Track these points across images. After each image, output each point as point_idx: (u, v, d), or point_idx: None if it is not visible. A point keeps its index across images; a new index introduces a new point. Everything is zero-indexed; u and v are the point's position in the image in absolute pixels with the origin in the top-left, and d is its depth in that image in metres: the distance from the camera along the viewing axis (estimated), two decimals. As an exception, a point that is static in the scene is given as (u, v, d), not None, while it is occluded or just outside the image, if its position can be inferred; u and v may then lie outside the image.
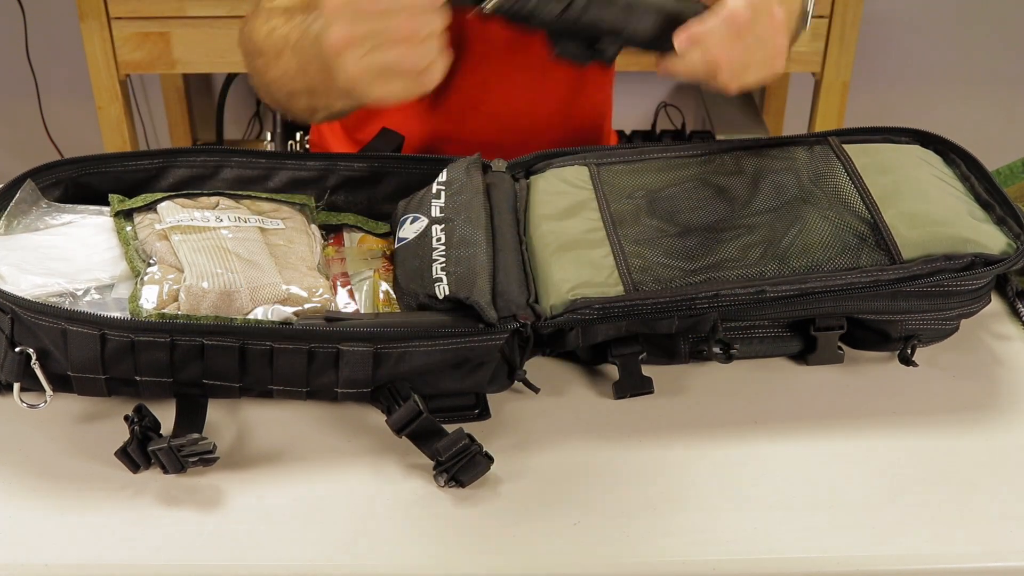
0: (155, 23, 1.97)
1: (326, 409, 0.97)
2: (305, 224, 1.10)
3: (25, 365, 0.92)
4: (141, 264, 1.01)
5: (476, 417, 0.96)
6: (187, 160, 1.13)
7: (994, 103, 2.71)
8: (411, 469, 0.91)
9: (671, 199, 1.06)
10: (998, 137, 2.65)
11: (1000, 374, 1.04)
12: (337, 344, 0.91)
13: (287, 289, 0.98)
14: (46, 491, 0.89)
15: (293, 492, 0.89)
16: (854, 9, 1.98)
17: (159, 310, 0.95)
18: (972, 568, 0.85)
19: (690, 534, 0.86)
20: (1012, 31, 2.62)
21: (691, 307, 0.97)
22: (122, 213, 1.07)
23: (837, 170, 1.08)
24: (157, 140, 2.68)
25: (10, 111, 2.64)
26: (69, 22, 2.07)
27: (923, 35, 2.62)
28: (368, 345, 0.91)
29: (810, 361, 1.04)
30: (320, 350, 0.91)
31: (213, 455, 0.89)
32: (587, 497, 0.89)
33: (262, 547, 0.84)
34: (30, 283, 0.96)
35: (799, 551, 0.85)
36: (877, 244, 1.00)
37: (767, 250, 1.00)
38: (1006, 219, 1.04)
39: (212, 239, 1.02)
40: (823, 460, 0.93)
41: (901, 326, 1.02)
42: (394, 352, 0.92)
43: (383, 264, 1.08)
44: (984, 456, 0.94)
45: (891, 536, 0.86)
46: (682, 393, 1.01)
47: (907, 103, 2.70)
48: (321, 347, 0.91)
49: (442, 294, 0.95)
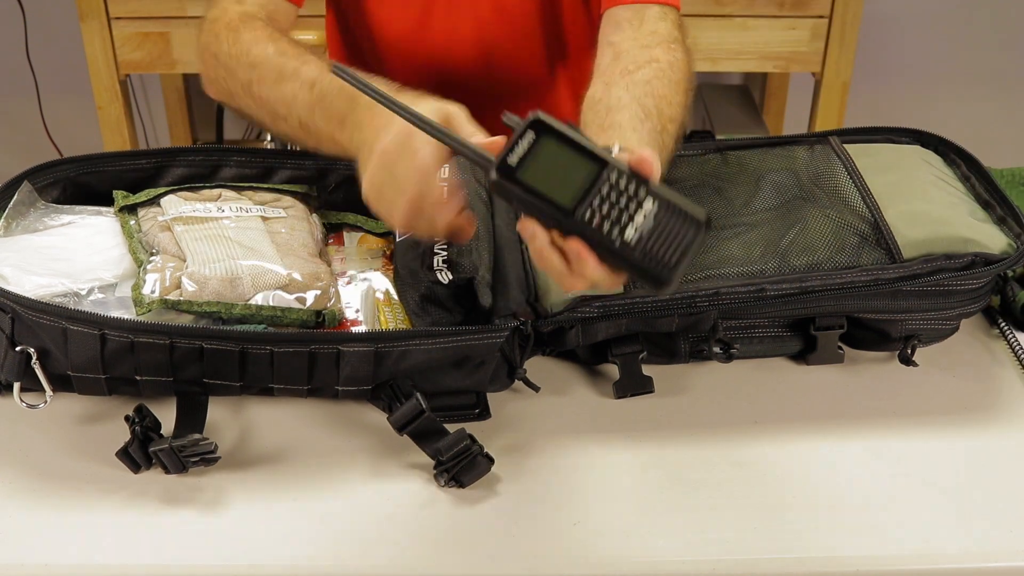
0: (155, 23, 1.97)
1: (327, 408, 0.97)
2: (306, 212, 1.10)
3: (25, 365, 0.92)
4: (144, 255, 1.01)
5: (476, 417, 0.96)
6: (186, 159, 1.13)
7: (994, 103, 2.70)
8: (411, 469, 0.91)
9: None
10: (998, 137, 2.65)
11: (1000, 374, 1.04)
12: (338, 345, 0.91)
13: (288, 274, 0.98)
14: (46, 491, 0.89)
15: (293, 492, 0.89)
16: (854, 9, 1.98)
17: (161, 297, 0.95)
18: (972, 568, 0.85)
19: (690, 534, 0.86)
20: (1012, 31, 2.62)
21: (691, 305, 0.97)
22: (125, 208, 1.07)
23: (838, 169, 1.08)
24: (157, 140, 2.67)
25: (10, 111, 2.64)
26: (69, 22, 2.07)
27: (923, 35, 2.62)
28: (369, 344, 0.91)
29: (810, 361, 1.04)
30: (321, 351, 0.91)
31: (214, 455, 0.89)
32: (587, 497, 0.89)
33: (262, 547, 0.84)
34: (34, 283, 0.96)
35: (799, 551, 0.85)
36: (877, 243, 1.00)
37: (767, 249, 1.00)
38: (1006, 219, 1.04)
39: (214, 228, 1.03)
40: (823, 460, 0.93)
41: (901, 326, 1.02)
42: (395, 350, 0.92)
43: (383, 263, 1.08)
44: (984, 456, 0.94)
45: (891, 536, 0.86)
46: (682, 393, 1.01)
47: (907, 103, 2.69)
48: (322, 348, 0.91)
49: (446, 279, 0.95)
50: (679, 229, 0.75)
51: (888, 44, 2.61)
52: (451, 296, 0.97)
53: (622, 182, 0.76)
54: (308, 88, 0.98)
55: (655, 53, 1.08)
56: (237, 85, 1.07)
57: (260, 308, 0.96)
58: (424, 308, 0.98)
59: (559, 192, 0.76)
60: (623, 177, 0.76)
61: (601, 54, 1.14)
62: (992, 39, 2.63)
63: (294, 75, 1.00)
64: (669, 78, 1.05)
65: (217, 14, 1.14)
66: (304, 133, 1.00)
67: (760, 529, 0.86)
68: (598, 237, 0.75)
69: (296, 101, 0.99)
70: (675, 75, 1.07)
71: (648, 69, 1.05)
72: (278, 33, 1.09)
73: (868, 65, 2.60)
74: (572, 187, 0.76)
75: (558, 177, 0.76)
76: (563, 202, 0.75)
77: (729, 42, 2.00)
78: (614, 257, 0.75)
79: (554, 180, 0.76)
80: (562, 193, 0.76)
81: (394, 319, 1.01)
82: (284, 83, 1.00)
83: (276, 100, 1.01)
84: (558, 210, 0.75)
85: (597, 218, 0.75)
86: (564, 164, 0.76)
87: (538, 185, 0.76)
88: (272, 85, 1.02)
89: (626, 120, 0.98)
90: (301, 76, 0.99)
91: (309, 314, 0.98)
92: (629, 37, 1.12)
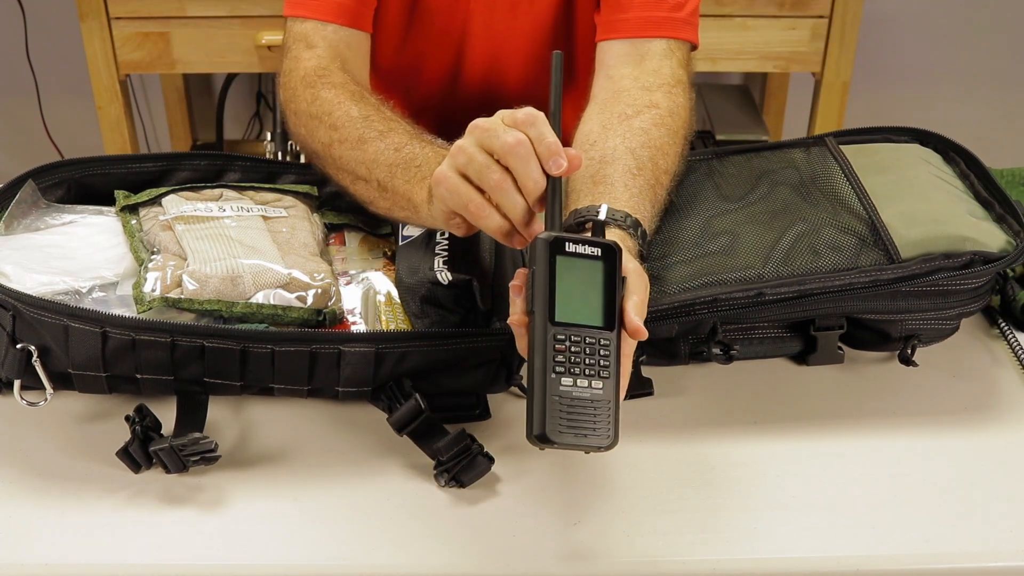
0: (155, 23, 1.96)
1: (327, 408, 0.97)
2: (308, 212, 1.11)
3: (26, 362, 0.92)
4: (145, 254, 1.01)
5: (476, 417, 0.96)
6: (191, 164, 1.13)
7: (994, 103, 2.70)
8: (411, 469, 0.91)
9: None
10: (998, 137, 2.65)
11: (1000, 374, 1.04)
12: (339, 345, 0.91)
13: (289, 273, 0.98)
14: (46, 491, 0.89)
15: (293, 492, 0.89)
16: (854, 9, 1.98)
17: (162, 295, 0.95)
18: (972, 568, 0.85)
19: (690, 534, 0.86)
20: (1012, 31, 2.62)
21: (690, 313, 0.97)
22: (126, 208, 1.07)
23: (834, 171, 1.08)
24: (157, 140, 2.67)
25: (10, 111, 2.64)
26: (69, 22, 2.07)
27: (923, 35, 2.61)
28: (369, 345, 0.91)
29: (810, 361, 1.04)
30: (322, 351, 0.91)
31: (215, 454, 0.89)
32: (587, 497, 0.89)
33: (262, 547, 0.84)
34: (35, 281, 0.96)
35: (799, 551, 0.85)
36: (875, 244, 0.99)
37: (765, 252, 1.00)
38: (1005, 216, 1.04)
39: (215, 228, 1.03)
40: (823, 460, 0.93)
41: (901, 326, 1.02)
42: (395, 352, 0.92)
43: (384, 263, 1.09)
44: (984, 456, 0.94)
45: (891, 536, 0.86)
46: (682, 393, 1.01)
47: (907, 103, 2.69)
48: (323, 348, 0.91)
49: (445, 280, 0.95)
50: (594, 426, 0.77)
51: (888, 44, 2.61)
52: (451, 297, 0.97)
53: (606, 350, 0.78)
54: (393, 150, 0.98)
55: (655, 98, 1.07)
56: (318, 145, 1.07)
57: (261, 307, 0.96)
58: (423, 309, 0.98)
59: (564, 302, 0.77)
60: (610, 346, 0.78)
61: (598, 84, 1.12)
62: (992, 39, 2.62)
63: (379, 137, 1.00)
64: (668, 126, 1.04)
65: (290, 66, 1.13)
66: (381, 194, 0.99)
67: (760, 529, 0.86)
68: (545, 354, 0.76)
69: (378, 162, 0.98)
70: (674, 123, 1.05)
71: (647, 116, 1.04)
72: (359, 90, 1.08)
73: (868, 65, 2.60)
74: (575, 310, 0.78)
75: (578, 295, 0.78)
76: (557, 313, 0.77)
77: (729, 42, 2.00)
78: (531, 374, 0.77)
79: (572, 293, 0.78)
80: (565, 307, 0.77)
81: (394, 319, 1.01)
82: (367, 145, 1.00)
83: (357, 162, 1.01)
84: (550, 310, 0.77)
85: (563, 346, 0.77)
86: (589, 293, 0.78)
87: (560, 284, 0.77)
88: (354, 146, 1.02)
89: (618, 175, 0.97)
90: (386, 139, 0.99)
91: (310, 313, 0.98)
92: (629, 75, 1.10)
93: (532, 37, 1.26)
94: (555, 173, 0.80)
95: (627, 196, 0.95)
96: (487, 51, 1.27)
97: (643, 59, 1.12)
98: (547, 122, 0.81)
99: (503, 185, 0.80)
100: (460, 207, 0.83)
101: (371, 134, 1.01)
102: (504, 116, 0.82)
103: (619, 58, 1.13)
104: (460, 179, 0.83)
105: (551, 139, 0.80)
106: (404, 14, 1.24)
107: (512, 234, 0.83)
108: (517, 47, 1.26)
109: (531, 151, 0.80)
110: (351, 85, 1.09)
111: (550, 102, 0.85)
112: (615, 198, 0.95)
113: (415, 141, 0.98)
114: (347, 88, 1.08)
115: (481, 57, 1.28)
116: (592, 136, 1.03)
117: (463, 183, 0.83)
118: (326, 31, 1.15)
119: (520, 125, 0.81)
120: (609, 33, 1.15)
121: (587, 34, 1.23)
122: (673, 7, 1.14)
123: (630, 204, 0.95)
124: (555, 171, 0.80)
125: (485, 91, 1.30)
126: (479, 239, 1.01)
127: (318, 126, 1.06)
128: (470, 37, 1.26)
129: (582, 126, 1.07)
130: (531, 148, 0.80)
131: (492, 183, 0.81)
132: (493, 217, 0.82)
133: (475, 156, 0.82)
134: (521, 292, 0.80)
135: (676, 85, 1.09)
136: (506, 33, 1.26)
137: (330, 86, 1.08)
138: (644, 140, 1.01)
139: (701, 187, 1.09)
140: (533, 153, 0.80)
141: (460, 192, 0.83)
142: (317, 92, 1.08)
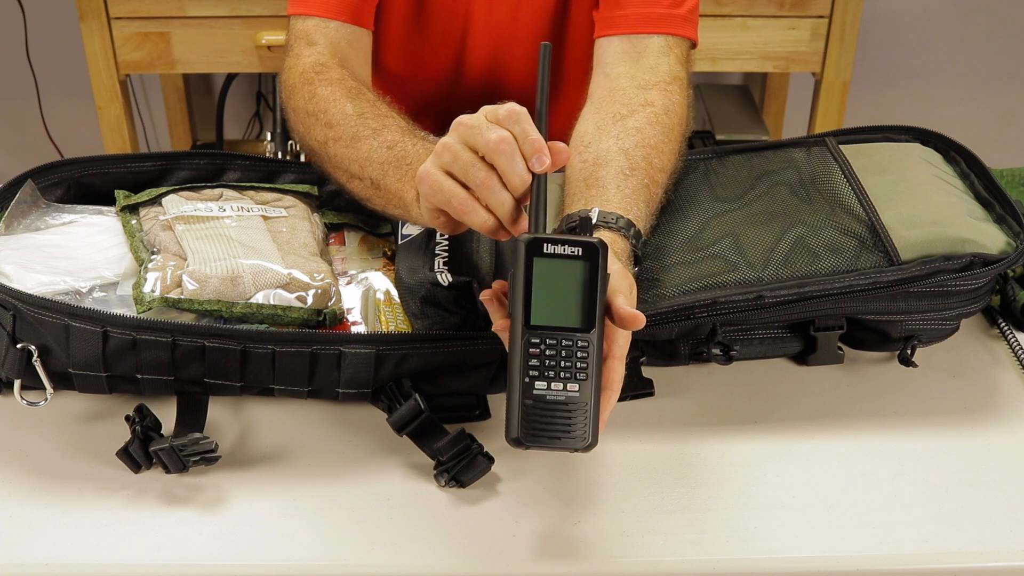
0: (155, 23, 1.97)
1: (327, 409, 0.97)
2: (308, 212, 1.11)
3: (26, 362, 0.92)
4: (145, 254, 1.01)
5: (476, 417, 0.96)
6: (190, 163, 1.13)
7: (994, 103, 2.70)
8: (411, 469, 0.91)
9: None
10: (998, 137, 2.65)
11: (1000, 374, 1.04)
12: (339, 346, 0.91)
13: (289, 273, 0.98)
14: (46, 491, 0.89)
15: (293, 492, 0.89)
16: (854, 9, 1.98)
17: (162, 295, 0.95)
18: (972, 568, 0.85)
19: (690, 534, 0.86)
20: (1012, 31, 2.62)
21: (690, 316, 0.96)
22: (127, 208, 1.07)
23: (834, 172, 1.07)
24: (157, 140, 2.67)
25: (10, 111, 2.64)
26: (69, 22, 2.07)
27: (923, 35, 2.61)
28: (370, 346, 0.91)
29: (810, 361, 1.04)
30: (323, 352, 0.91)
31: (215, 454, 0.89)
32: (587, 497, 0.89)
33: (262, 547, 0.84)
34: (35, 281, 0.96)
35: (799, 551, 0.85)
36: (875, 246, 0.99)
37: (765, 255, 0.99)
38: (1005, 217, 1.04)
39: (215, 228, 1.03)
40: (823, 460, 0.93)
41: (901, 326, 1.02)
42: (395, 353, 0.92)
43: (384, 263, 1.09)
44: (984, 456, 0.94)
45: (891, 536, 0.86)
46: (682, 393, 1.01)
47: (907, 103, 2.69)
48: (323, 349, 0.91)
49: (445, 281, 0.95)
50: (569, 428, 0.77)
51: (888, 44, 2.61)
52: (451, 298, 0.96)
53: (584, 352, 0.77)
54: (386, 148, 0.98)
55: (651, 96, 1.06)
56: (315, 142, 1.07)
57: (261, 307, 0.96)
58: (423, 310, 0.98)
59: (540, 305, 0.77)
60: (588, 347, 0.77)
61: (596, 82, 1.12)
62: (992, 40, 2.62)
63: (372, 135, 1.00)
64: (663, 124, 1.04)
65: (291, 63, 1.13)
66: (375, 192, 0.99)
67: (760, 529, 0.86)
68: (520, 359, 0.77)
69: (371, 160, 0.98)
70: (670, 120, 1.05)
71: (641, 115, 1.04)
72: (356, 86, 1.08)
73: (868, 65, 2.60)
74: (552, 312, 0.78)
75: (556, 296, 0.78)
76: (533, 316, 0.77)
77: (729, 42, 2.00)
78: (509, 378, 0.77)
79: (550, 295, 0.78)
80: (541, 310, 0.77)
81: (394, 320, 1.01)
82: (361, 143, 1.00)
83: (351, 159, 1.01)
84: (526, 314, 0.77)
85: (537, 350, 0.77)
86: (567, 294, 0.78)
87: (536, 287, 0.77)
88: (348, 144, 1.02)
89: (610, 177, 0.97)
90: (380, 137, 0.99)
91: (310, 313, 0.98)
92: (626, 73, 1.10)
93: (533, 35, 1.26)
94: (538, 170, 0.80)
95: (619, 197, 0.95)
96: (488, 50, 1.27)
97: (640, 56, 1.11)
98: (530, 119, 0.81)
99: (489, 183, 0.80)
100: (444, 204, 0.83)
101: (365, 132, 1.01)
102: (487, 112, 0.82)
103: (617, 55, 1.13)
104: (443, 176, 0.83)
105: (534, 136, 0.80)
106: (408, 14, 1.24)
107: (499, 230, 0.83)
108: (518, 45, 1.27)
109: (515, 148, 0.80)
110: (348, 81, 1.08)
111: (537, 95, 0.84)
112: (607, 200, 0.95)
113: (408, 138, 0.98)
114: (343, 84, 1.08)
115: (482, 56, 1.28)
116: (587, 138, 1.03)
117: (446, 179, 0.83)
118: (327, 28, 1.15)
119: (503, 122, 0.80)
120: (607, 29, 1.15)
121: (584, 32, 1.23)
122: (671, 3, 1.13)
123: (622, 205, 0.94)
124: (538, 168, 0.80)
125: (487, 89, 1.30)
126: (480, 240, 1.01)
127: (315, 123, 1.06)
128: (471, 36, 1.26)
129: (578, 127, 1.06)
130: (515, 145, 0.80)
131: (478, 181, 0.81)
132: (478, 212, 0.82)
133: (460, 154, 0.82)
134: (493, 303, 0.80)
135: (673, 82, 1.09)
136: (507, 32, 1.26)
137: (327, 83, 1.08)
138: (638, 140, 1.01)
139: (700, 188, 1.09)
140: (518, 150, 0.80)
141: (443, 189, 0.82)
142: (314, 89, 1.08)
